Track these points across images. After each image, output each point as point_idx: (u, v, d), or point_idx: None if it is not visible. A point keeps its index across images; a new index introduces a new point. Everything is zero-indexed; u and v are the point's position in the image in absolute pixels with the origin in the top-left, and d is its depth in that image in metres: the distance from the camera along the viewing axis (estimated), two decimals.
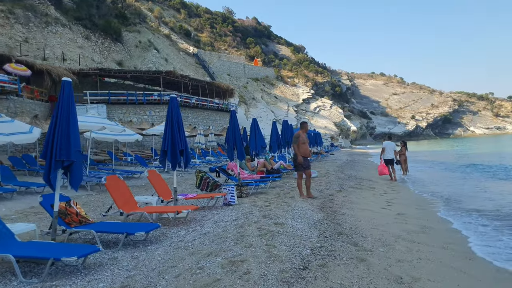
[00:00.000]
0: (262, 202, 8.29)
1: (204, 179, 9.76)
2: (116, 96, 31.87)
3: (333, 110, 78.51)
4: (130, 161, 19.88)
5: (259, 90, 69.48)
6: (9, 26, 37.13)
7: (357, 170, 18.75)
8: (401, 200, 10.03)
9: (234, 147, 10.38)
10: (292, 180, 12.71)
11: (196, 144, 20.03)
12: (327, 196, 9.51)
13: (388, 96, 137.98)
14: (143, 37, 55.69)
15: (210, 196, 7.90)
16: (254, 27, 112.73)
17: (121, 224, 5.73)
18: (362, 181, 13.67)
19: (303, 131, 9.14)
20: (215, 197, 8.11)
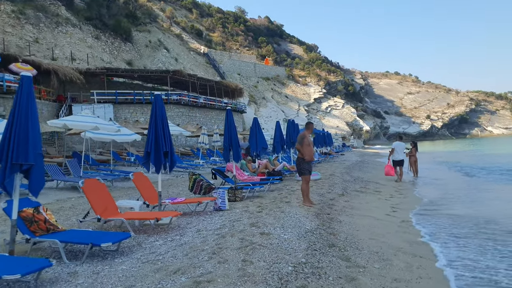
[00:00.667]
0: (255, 207, 7.72)
1: (197, 181, 9.23)
2: (123, 95, 31.65)
3: (345, 109, 77.38)
4: (133, 161, 19.52)
5: (269, 89, 68.87)
6: (19, 26, 37.32)
7: (365, 171, 18.02)
8: (407, 205, 9.35)
9: (230, 148, 9.82)
10: (293, 183, 12.09)
11: (200, 144, 19.55)
12: (328, 200, 8.89)
13: (403, 96, 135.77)
14: (153, 37, 55.62)
15: (197, 201, 7.36)
16: (266, 26, 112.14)
17: (89, 233, 5.23)
18: (368, 184, 12.98)
19: (308, 132, 8.41)
20: (203, 202, 7.55)
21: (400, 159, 14.31)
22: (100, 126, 11.02)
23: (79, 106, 28.82)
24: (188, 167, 17.89)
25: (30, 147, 4.52)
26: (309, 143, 8.13)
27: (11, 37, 35.40)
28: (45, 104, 27.00)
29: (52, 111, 27.46)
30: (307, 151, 8.00)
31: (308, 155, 8.02)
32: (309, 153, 8.07)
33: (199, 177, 9.38)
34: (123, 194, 10.94)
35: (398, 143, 14.74)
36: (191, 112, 35.33)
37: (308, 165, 8.11)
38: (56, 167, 11.48)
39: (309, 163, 8.16)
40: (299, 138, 8.25)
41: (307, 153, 8.00)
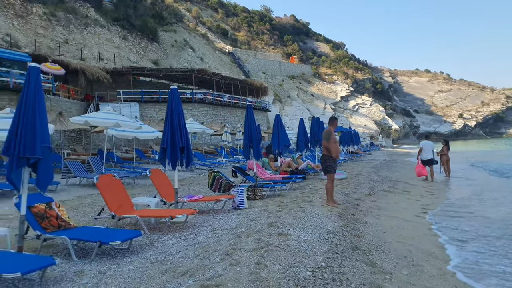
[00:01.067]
0: (275, 206, 7.38)
1: (216, 179, 8.97)
2: (149, 94, 31.94)
3: (373, 108, 75.71)
4: (157, 159, 19.54)
5: (294, 88, 68.21)
6: (51, 28, 38.40)
7: (394, 171, 17.33)
8: (439, 207, 8.76)
9: (250, 145, 9.51)
10: (317, 182, 11.67)
11: (223, 142, 19.35)
12: (353, 200, 8.44)
13: (434, 94, 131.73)
14: (179, 37, 56.11)
15: (215, 199, 7.08)
16: (292, 25, 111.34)
17: (100, 231, 5.03)
18: (397, 183, 12.39)
19: (332, 128, 7.86)
20: (221, 200, 7.27)
21: (429, 158, 13.87)
22: (121, 123, 10.96)
23: (106, 105, 29.21)
24: (211, 165, 17.73)
25: (37, 140, 4.36)
26: (335, 140, 7.74)
27: (42, 38, 36.45)
28: (73, 103, 27.55)
29: (80, 110, 27.96)
30: (333, 148, 7.59)
31: (335, 152, 7.62)
32: (336, 150, 7.69)
33: (218, 174, 9.12)
34: (143, 191, 10.84)
35: (426, 142, 14.32)
36: (216, 111, 35.30)
37: (335, 162, 7.68)
38: (79, 164, 11.52)
39: (335, 161, 7.72)
40: (325, 135, 7.74)
41: (333, 150, 7.59)
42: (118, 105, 29.47)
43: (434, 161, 14.03)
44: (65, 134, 24.52)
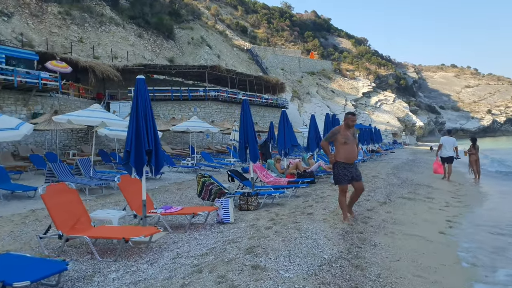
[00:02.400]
0: (267, 220, 6.14)
1: (206, 185, 7.79)
2: (161, 92, 31.13)
3: (396, 104, 73.00)
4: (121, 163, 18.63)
5: (314, 84, 66.41)
6: (65, 27, 38.20)
7: (416, 172, 15.75)
8: (470, 219, 7.32)
9: (246, 146, 8.30)
10: (327, 186, 10.34)
11: (231, 142, 18.19)
12: (364, 211, 7.10)
13: (460, 89, 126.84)
14: (195, 34, 55.34)
15: (192, 211, 5.88)
16: (313, 21, 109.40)
17: (17, 262, 3.89)
18: (418, 188, 10.90)
19: (346, 127, 6.25)
20: (200, 213, 6.04)
21: (448, 155, 13.13)
22: (109, 122, 9.94)
23: (116, 103, 28.66)
24: (217, 166, 16.60)
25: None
26: (345, 139, 6.09)
27: (56, 37, 36.23)
28: (83, 102, 26.95)
29: None
30: (342, 152, 6.10)
31: (342, 155, 6.08)
32: (346, 153, 6.09)
33: (209, 179, 7.93)
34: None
35: (446, 138, 13.49)
36: (230, 109, 34.20)
37: (345, 169, 6.08)
38: (65, 166, 10.58)
39: (347, 167, 6.10)
40: (329, 133, 6.50)
41: (341, 153, 6.10)
42: (129, 104, 28.74)
43: (453, 158, 13.35)
44: (72, 133, 23.94)
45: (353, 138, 6.21)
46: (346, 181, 6.12)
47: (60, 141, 22.97)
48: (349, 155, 6.14)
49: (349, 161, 6.14)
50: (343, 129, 6.25)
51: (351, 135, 6.21)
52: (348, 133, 6.20)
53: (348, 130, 6.22)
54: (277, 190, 8.50)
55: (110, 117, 10.21)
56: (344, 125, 6.32)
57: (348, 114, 6.42)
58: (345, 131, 6.20)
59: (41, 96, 22.54)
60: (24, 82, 20.76)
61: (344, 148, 6.12)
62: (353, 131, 6.29)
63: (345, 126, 6.27)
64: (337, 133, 6.22)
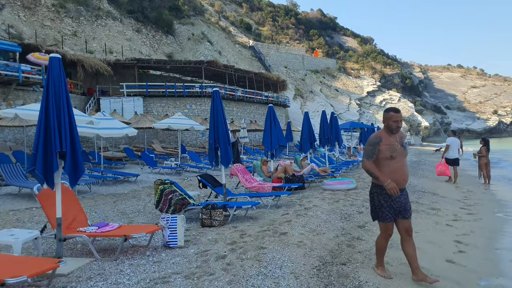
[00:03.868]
0: (226, 243, 4.82)
1: (165, 194, 6.47)
2: (155, 88, 29.86)
3: (402, 103, 71.31)
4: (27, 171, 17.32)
5: (318, 82, 64.90)
6: (59, 20, 37.05)
7: (420, 176, 14.34)
8: (484, 239, 5.96)
9: (216, 147, 6.98)
10: (317, 193, 9.02)
11: None
12: (354, 229, 5.76)
13: (466, 90, 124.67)
14: (196, 30, 54.05)
15: (122, 234, 4.55)
16: (318, 19, 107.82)
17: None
18: (422, 196, 9.51)
19: (388, 132, 4.02)
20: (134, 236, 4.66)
21: (455, 157, 12.52)
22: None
23: (107, 99, 27.43)
24: (205, 167, 15.26)
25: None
26: (391, 152, 3.87)
27: (49, 30, 35.09)
28: (72, 98, 25.71)
29: (79, 105, 26.20)
30: (387, 169, 3.87)
31: (392, 175, 3.84)
32: (391, 172, 3.86)
33: (170, 187, 6.61)
34: (92, 205, 8.50)
35: (453, 139, 12.75)
36: (228, 106, 32.83)
37: (391, 198, 3.88)
38: (18, 168, 9.32)
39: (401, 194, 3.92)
40: (367, 147, 4.05)
41: (390, 170, 3.86)
42: (120, 100, 27.56)
43: (459, 160, 12.76)
44: None
45: (402, 149, 3.97)
46: (391, 216, 3.95)
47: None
48: (398, 176, 3.86)
49: (399, 185, 3.85)
50: (385, 136, 3.96)
51: (399, 143, 3.96)
52: (394, 141, 3.94)
53: (392, 137, 3.97)
54: (246, 203, 7.15)
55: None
56: (385, 129, 4.04)
57: (389, 111, 4.04)
58: (389, 138, 3.94)
59: (23, 90, 21.37)
60: (3, 75, 19.62)
61: (390, 165, 3.86)
62: (401, 137, 4.06)
63: (387, 131, 4.00)
64: (379, 143, 3.93)
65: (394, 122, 3.97)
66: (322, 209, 6.93)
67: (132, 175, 12.06)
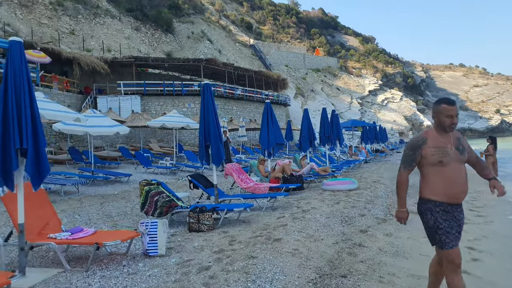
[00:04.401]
0: (212, 252, 4.32)
1: (151, 196, 5.97)
2: (153, 86, 29.37)
3: (403, 102, 70.75)
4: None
5: (319, 81, 64.34)
6: (56, 18, 36.59)
7: None
8: (499, 245, 5.44)
9: (207, 144, 6.48)
10: (316, 193, 8.51)
11: None
12: (355, 234, 5.26)
13: (469, 89, 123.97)
14: (196, 28, 53.57)
15: (95, 241, 4.04)
16: (320, 18, 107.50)
17: None
18: None
19: (440, 130, 3.06)
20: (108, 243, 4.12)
21: None
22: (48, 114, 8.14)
23: (104, 98, 26.97)
24: (201, 167, 14.75)
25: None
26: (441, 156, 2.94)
27: (46, 28, 34.63)
28: (68, 96, 25.32)
29: (76, 104, 25.73)
30: (437, 178, 2.97)
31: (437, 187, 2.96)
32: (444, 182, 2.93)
33: (157, 188, 6.10)
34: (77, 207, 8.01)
35: None
36: (227, 105, 32.37)
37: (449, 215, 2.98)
38: None
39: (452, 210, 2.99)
40: (405, 151, 3.20)
41: (436, 182, 2.97)
42: (118, 98, 27.09)
43: None
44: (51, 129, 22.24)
45: (457, 153, 2.97)
46: (455, 239, 2.99)
47: None
48: (453, 189, 2.92)
49: (454, 199, 2.95)
50: (433, 136, 3.03)
51: (453, 146, 2.99)
52: (447, 142, 2.98)
53: (444, 137, 3.01)
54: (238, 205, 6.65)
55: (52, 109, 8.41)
56: (435, 128, 3.09)
57: (440, 103, 3.08)
58: (439, 138, 3.00)
59: None
60: None
61: (441, 175, 2.93)
62: (457, 138, 3.08)
63: (438, 129, 3.06)
64: (421, 146, 3.01)
65: (448, 117, 2.96)
66: (321, 211, 6.43)
67: (124, 175, 11.57)
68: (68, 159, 15.16)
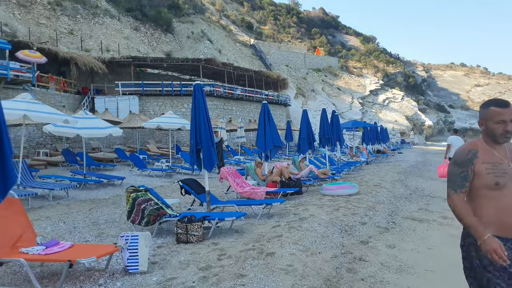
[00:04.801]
0: (196, 270, 3.95)
1: (137, 203, 5.61)
2: (151, 87, 29.04)
3: (405, 102, 70.28)
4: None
5: (320, 81, 63.93)
6: (55, 18, 36.28)
7: (427, 177, 13.45)
8: None
9: (198, 148, 6.12)
10: (315, 198, 8.15)
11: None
12: (355, 246, 4.88)
13: (470, 88, 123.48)
14: (196, 28, 53.23)
15: (65, 260, 3.66)
16: (320, 18, 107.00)
17: None
18: (431, 200, 8.61)
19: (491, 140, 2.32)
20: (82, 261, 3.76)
21: None
22: (35, 116, 7.79)
23: (101, 98, 26.63)
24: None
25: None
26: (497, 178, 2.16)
27: (44, 28, 34.30)
28: (65, 97, 25.00)
29: (73, 104, 25.41)
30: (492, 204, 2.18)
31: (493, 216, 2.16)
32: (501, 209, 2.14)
33: (144, 194, 5.74)
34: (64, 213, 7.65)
35: (454, 137, 11.99)
36: (226, 105, 32.02)
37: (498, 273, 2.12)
38: None
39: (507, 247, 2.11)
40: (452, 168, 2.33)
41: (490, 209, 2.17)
42: (115, 99, 26.77)
43: None
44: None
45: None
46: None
47: (33, 139, 21.01)
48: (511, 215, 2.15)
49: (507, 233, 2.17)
50: (483, 148, 2.31)
51: (511, 161, 2.25)
52: (502, 157, 2.26)
53: (498, 149, 2.30)
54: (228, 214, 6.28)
55: (39, 110, 8.06)
56: (483, 137, 2.42)
57: (489, 106, 2.39)
58: (491, 152, 2.29)
59: (12, 89, 20.52)
60: None
61: (496, 198, 2.17)
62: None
63: (488, 139, 2.35)
64: (473, 159, 2.26)
65: (499, 123, 2.25)
66: (320, 219, 6.06)
67: (117, 178, 11.23)
68: (62, 161, 14.81)
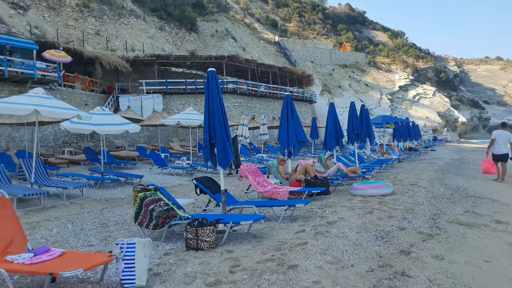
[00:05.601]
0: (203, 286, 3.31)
1: (145, 204, 5.04)
2: (175, 85, 28.85)
3: (436, 98, 67.61)
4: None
5: (346, 77, 62.40)
6: (82, 19, 36.79)
7: (468, 176, 12.34)
8: None
9: (212, 143, 5.49)
10: (344, 199, 7.37)
11: (240, 138, 15.31)
12: (395, 256, 4.12)
13: (507, 83, 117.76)
14: (220, 26, 53.01)
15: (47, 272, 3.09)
16: (347, 14, 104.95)
17: None
18: (478, 202, 7.65)
19: None
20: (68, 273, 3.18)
21: (503, 152, 11.07)
22: (46, 111, 7.39)
23: (126, 97, 26.63)
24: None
25: None
26: None
27: (73, 30, 34.81)
28: (90, 96, 25.09)
29: (99, 103, 25.40)
30: None
31: None
32: None
33: (153, 194, 5.16)
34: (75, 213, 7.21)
35: (500, 131, 11.28)
36: (250, 103, 31.43)
37: None
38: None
39: None
40: None
41: None
42: (139, 97, 26.69)
43: (508, 156, 11.20)
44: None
45: None
46: None
47: (59, 138, 21.08)
48: None
49: None
50: None
51: None
52: None
53: None
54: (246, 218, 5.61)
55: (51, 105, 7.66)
56: None
57: None
58: None
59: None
60: (19, 73, 19.03)
61: None
62: None
63: None
64: None
65: None
66: (351, 223, 5.31)
67: (136, 176, 10.80)
68: (84, 160, 14.60)
